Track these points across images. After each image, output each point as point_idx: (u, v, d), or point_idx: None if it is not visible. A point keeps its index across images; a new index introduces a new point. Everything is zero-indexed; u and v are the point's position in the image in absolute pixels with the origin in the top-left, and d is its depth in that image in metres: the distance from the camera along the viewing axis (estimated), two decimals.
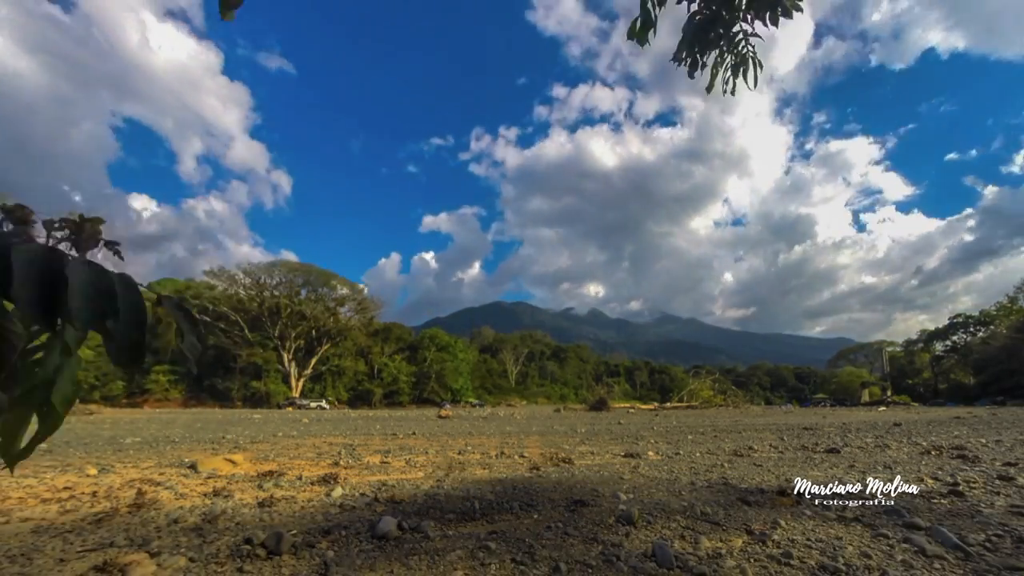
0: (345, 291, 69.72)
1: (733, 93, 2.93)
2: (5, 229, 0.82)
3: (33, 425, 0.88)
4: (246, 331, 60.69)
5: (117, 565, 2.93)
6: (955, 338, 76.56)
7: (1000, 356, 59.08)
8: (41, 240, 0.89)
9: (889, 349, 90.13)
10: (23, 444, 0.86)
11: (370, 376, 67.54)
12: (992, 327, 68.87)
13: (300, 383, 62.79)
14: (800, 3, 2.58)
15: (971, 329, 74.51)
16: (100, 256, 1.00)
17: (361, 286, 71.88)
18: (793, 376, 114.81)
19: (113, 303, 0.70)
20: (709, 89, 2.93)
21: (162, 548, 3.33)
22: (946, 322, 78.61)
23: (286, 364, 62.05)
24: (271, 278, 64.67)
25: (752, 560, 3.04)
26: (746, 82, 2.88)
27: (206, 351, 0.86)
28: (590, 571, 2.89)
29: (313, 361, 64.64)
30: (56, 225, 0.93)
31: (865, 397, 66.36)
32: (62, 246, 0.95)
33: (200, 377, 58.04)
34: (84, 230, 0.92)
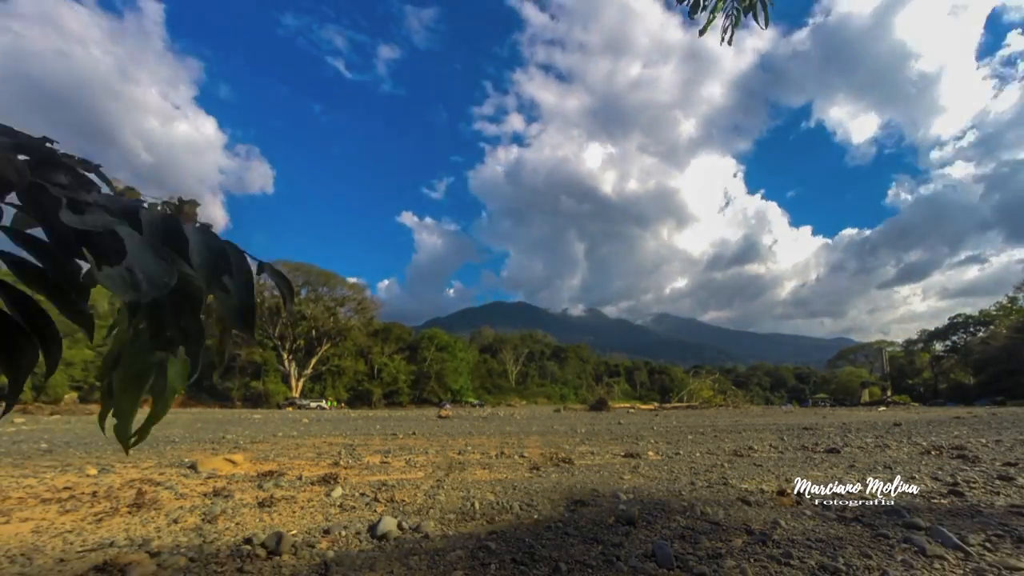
0: (345, 291, 69.73)
1: (731, 43, 2.88)
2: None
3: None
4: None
5: (117, 565, 2.93)
6: (955, 338, 76.54)
7: (1000, 356, 59.07)
8: None
9: (889, 349, 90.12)
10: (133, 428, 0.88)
11: (370, 376, 67.53)
12: (992, 327, 68.85)
13: (300, 383, 62.78)
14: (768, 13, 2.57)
15: (971, 329, 74.49)
16: None
17: (361, 286, 71.85)
18: (793, 376, 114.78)
19: (227, 263, 0.75)
20: (702, 32, 2.84)
21: (162, 548, 3.33)
22: (946, 322, 78.67)
23: (286, 364, 62.04)
24: (270, 278, 64.68)
25: (752, 560, 3.04)
26: (758, 22, 2.82)
27: (300, 316, 0.88)
28: (590, 571, 2.89)
29: (313, 361, 64.63)
30: (158, 207, 1.00)
31: (865, 397, 66.34)
32: None
33: (200, 377, 58.00)
34: (183, 211, 1.00)
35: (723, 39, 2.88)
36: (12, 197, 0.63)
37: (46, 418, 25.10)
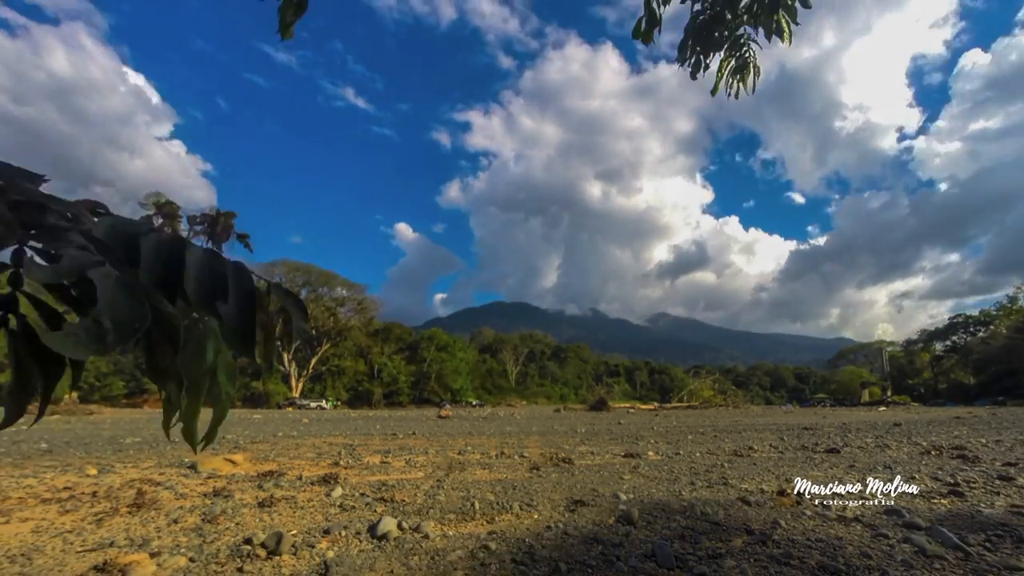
0: (345, 291, 69.76)
1: (736, 97, 2.94)
2: (156, 223, 0.89)
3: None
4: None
5: (117, 565, 2.94)
6: (955, 338, 76.52)
7: (1000, 356, 59.06)
8: (184, 232, 0.94)
9: (889, 349, 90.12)
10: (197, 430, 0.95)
11: (370, 376, 67.55)
12: (992, 327, 68.84)
13: (300, 383, 62.81)
14: (789, 28, 2.59)
15: (971, 329, 74.49)
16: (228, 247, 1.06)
17: (361, 286, 71.86)
18: (793, 376, 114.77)
19: (223, 287, 0.75)
20: (714, 92, 2.94)
21: (162, 548, 3.33)
22: (946, 322, 78.67)
23: (286, 364, 62.07)
24: (270, 278, 64.63)
25: (752, 560, 3.04)
26: (744, 87, 2.89)
27: (312, 337, 0.91)
28: (590, 571, 2.89)
29: (313, 361, 64.66)
30: (197, 219, 1.00)
31: (865, 397, 66.33)
32: (200, 239, 1.00)
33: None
34: (219, 223, 1.00)
35: (729, 95, 2.96)
36: None
37: (46, 418, 25.10)
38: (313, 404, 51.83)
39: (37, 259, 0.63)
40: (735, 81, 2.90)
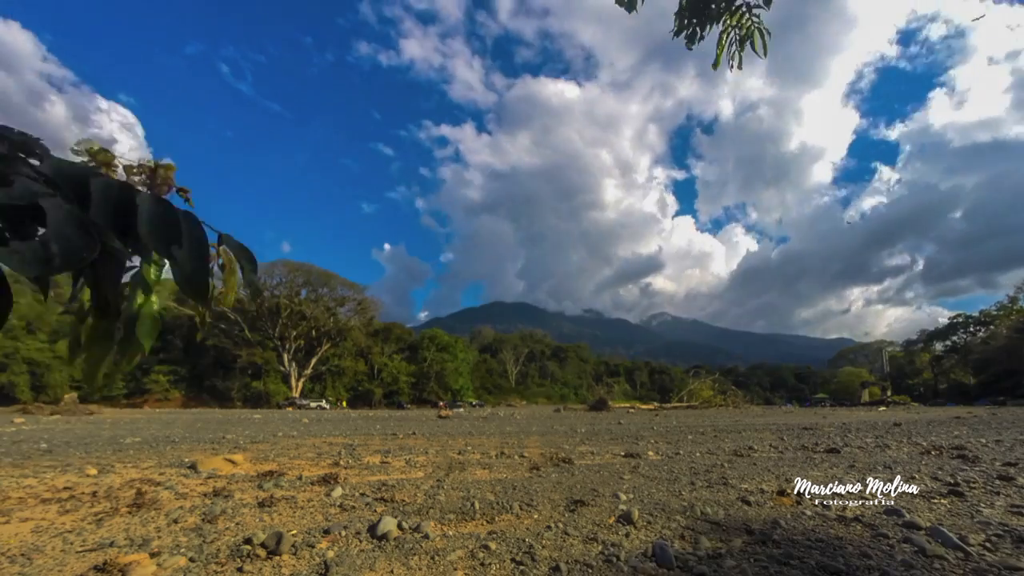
0: (345, 291, 69.72)
1: (740, 67, 2.88)
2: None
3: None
4: (246, 331, 60.70)
5: (117, 565, 2.93)
6: (955, 338, 76.54)
7: (1000, 356, 59.07)
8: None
9: (889, 349, 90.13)
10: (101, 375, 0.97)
11: (370, 376, 67.54)
12: (992, 327, 68.84)
13: (300, 383, 62.80)
14: None
15: (971, 329, 74.50)
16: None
17: (361, 287, 71.81)
18: (793, 376, 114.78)
19: (177, 232, 0.76)
20: (715, 65, 2.87)
21: (162, 548, 3.33)
22: (946, 322, 78.64)
23: (286, 364, 62.06)
24: (271, 278, 64.68)
25: (752, 560, 3.04)
26: (755, 51, 2.82)
27: (260, 289, 0.94)
28: (590, 571, 2.89)
29: (313, 361, 64.65)
30: (134, 169, 1.06)
31: (865, 397, 66.34)
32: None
33: (200, 377, 58.08)
34: (157, 175, 1.04)
35: (731, 67, 2.90)
36: None
37: (46, 418, 25.10)
38: (313, 404, 51.83)
39: None
40: (736, 52, 2.85)
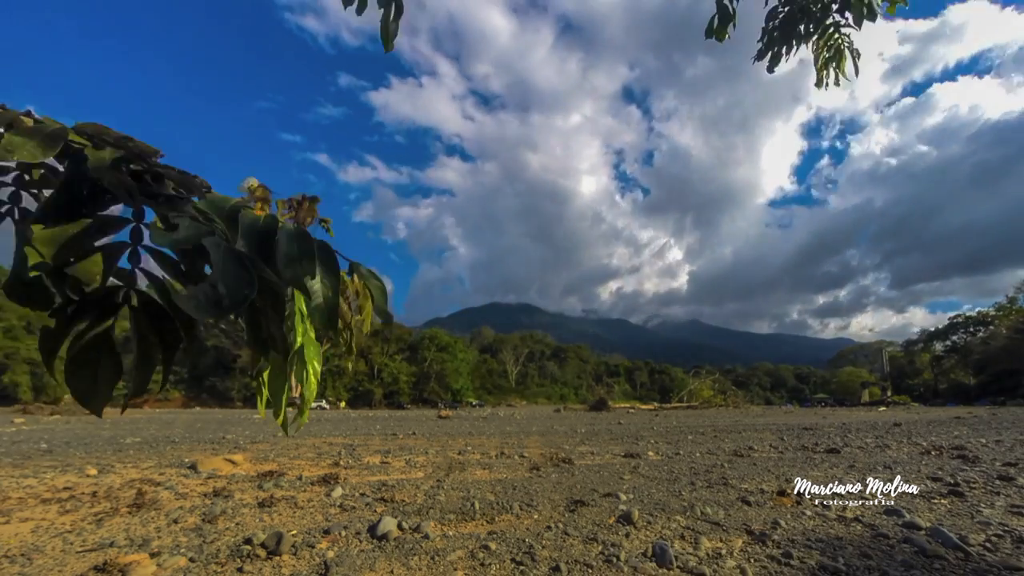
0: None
1: (838, 84, 2.93)
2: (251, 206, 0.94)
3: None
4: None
5: (117, 565, 2.93)
6: (955, 338, 76.51)
7: (1000, 356, 59.07)
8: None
9: (889, 349, 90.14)
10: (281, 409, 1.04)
11: (370, 376, 67.54)
12: (992, 327, 68.83)
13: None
14: (878, 10, 2.54)
15: (971, 329, 74.48)
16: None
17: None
18: (793, 376, 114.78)
19: (312, 264, 0.79)
20: (819, 84, 2.94)
21: (162, 548, 3.33)
22: (946, 322, 78.66)
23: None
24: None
25: (752, 560, 3.04)
26: (843, 74, 2.87)
27: (391, 317, 0.96)
28: (590, 571, 2.89)
29: None
30: (285, 203, 1.11)
31: (865, 397, 66.32)
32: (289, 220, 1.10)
33: (200, 377, 58.07)
34: (303, 207, 1.10)
35: (825, 85, 2.97)
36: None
37: (46, 418, 25.12)
38: (313, 404, 51.85)
39: (159, 224, 0.67)
40: (831, 69, 2.88)
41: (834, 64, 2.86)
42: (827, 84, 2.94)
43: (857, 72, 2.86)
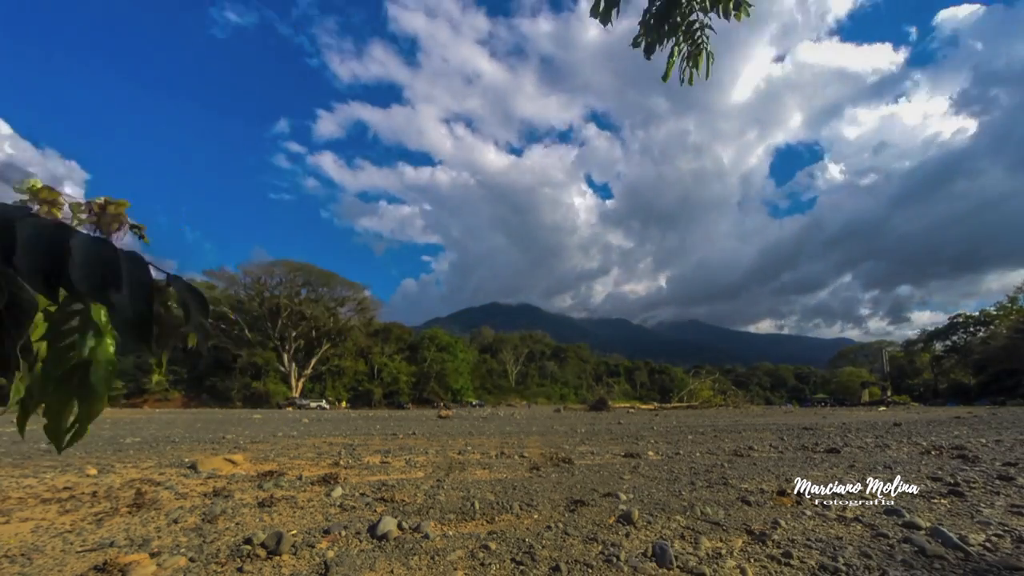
0: (345, 291, 69.75)
1: (691, 83, 2.93)
2: (25, 208, 0.86)
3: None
4: (246, 331, 60.75)
5: (117, 565, 2.93)
6: (955, 338, 76.52)
7: (1000, 356, 59.06)
8: (68, 220, 0.94)
9: (889, 349, 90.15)
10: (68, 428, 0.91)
11: (370, 376, 67.55)
12: (992, 327, 68.84)
13: (300, 383, 62.80)
14: (750, 5, 2.58)
15: (971, 329, 74.48)
16: (126, 239, 1.07)
17: (361, 286, 71.82)
18: (793, 376, 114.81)
19: (116, 275, 0.70)
20: (665, 78, 2.92)
21: (162, 548, 3.33)
22: (946, 322, 78.65)
23: (286, 364, 62.06)
24: (271, 278, 64.75)
25: (752, 560, 3.04)
26: (696, 72, 2.88)
27: (208, 332, 0.87)
28: (590, 571, 2.89)
29: (313, 361, 64.65)
30: (82, 208, 0.97)
31: (865, 397, 66.33)
32: (86, 228, 1.00)
33: (200, 377, 58.08)
34: (107, 212, 0.98)
35: (682, 81, 2.96)
36: None
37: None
38: (313, 404, 51.84)
39: None
40: (688, 67, 2.89)
41: (689, 62, 2.86)
42: (682, 80, 2.93)
43: (708, 75, 2.87)
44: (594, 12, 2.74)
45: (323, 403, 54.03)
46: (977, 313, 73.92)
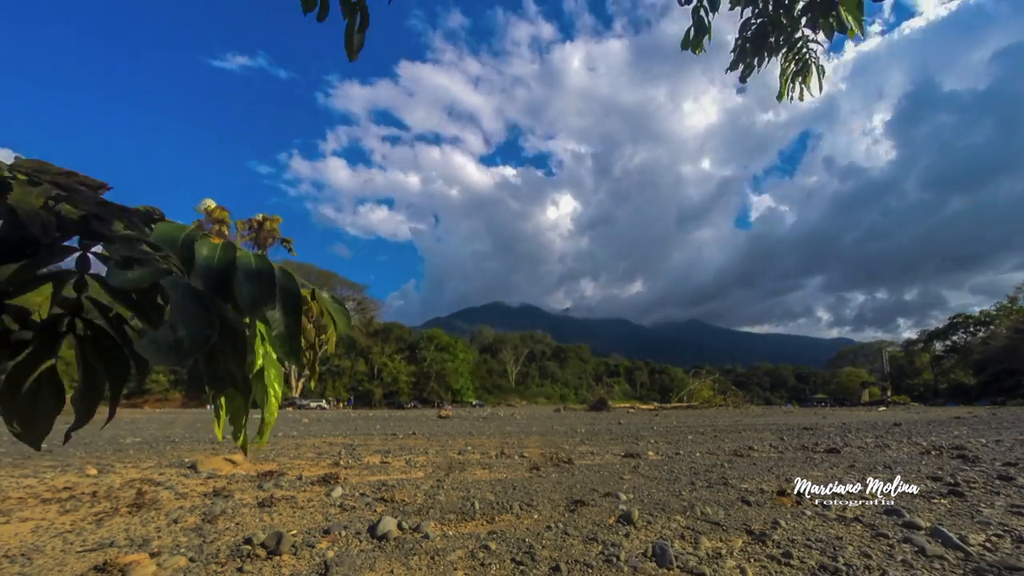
0: (344, 291, 69.78)
1: (801, 99, 2.94)
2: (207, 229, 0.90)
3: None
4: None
5: (117, 565, 2.94)
6: (955, 338, 76.53)
7: (1000, 356, 59.09)
8: (232, 237, 1.00)
9: (889, 349, 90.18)
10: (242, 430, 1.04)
11: (370, 376, 67.55)
12: (992, 327, 68.85)
13: (300, 383, 62.81)
14: (854, 27, 2.54)
15: (971, 329, 74.49)
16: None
17: (361, 286, 71.85)
18: (793, 376, 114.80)
19: (272, 291, 0.77)
20: (780, 97, 2.95)
21: (162, 548, 3.33)
22: (946, 322, 78.67)
23: (286, 364, 62.08)
24: None
25: (752, 560, 3.04)
26: (808, 89, 2.89)
27: (355, 342, 0.96)
28: (590, 571, 2.89)
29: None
30: (247, 224, 1.06)
31: (865, 397, 66.32)
32: (247, 244, 1.05)
33: (200, 378, 58.09)
34: (263, 228, 1.07)
35: (791, 99, 2.99)
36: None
37: None
38: (313, 404, 51.85)
39: (115, 267, 0.64)
40: (797, 84, 2.90)
41: (800, 79, 2.88)
42: (791, 97, 2.95)
43: (821, 88, 2.88)
44: (685, 44, 2.75)
45: (323, 403, 54.03)
46: (977, 313, 74.01)
